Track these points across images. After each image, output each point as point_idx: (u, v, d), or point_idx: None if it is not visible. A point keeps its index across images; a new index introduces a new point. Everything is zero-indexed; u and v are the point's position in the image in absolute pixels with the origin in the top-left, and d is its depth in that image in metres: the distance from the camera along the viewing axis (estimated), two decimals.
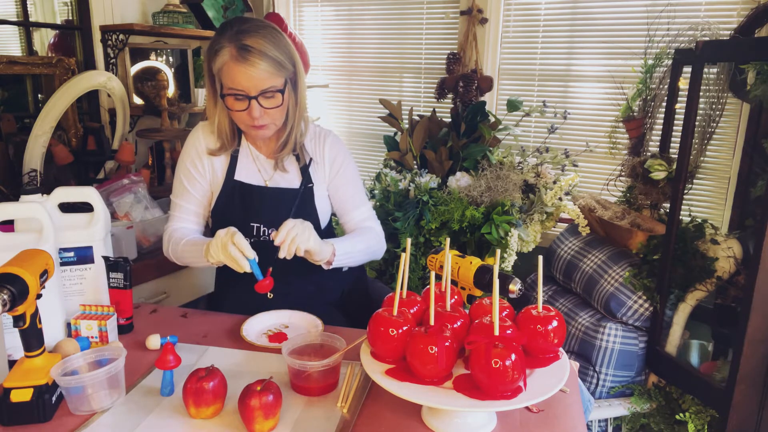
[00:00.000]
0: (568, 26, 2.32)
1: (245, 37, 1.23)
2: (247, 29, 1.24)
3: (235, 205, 1.42)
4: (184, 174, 1.44)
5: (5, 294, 0.87)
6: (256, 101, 1.26)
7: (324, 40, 2.90)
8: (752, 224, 1.83)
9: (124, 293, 1.25)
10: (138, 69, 2.47)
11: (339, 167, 1.47)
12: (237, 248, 1.19)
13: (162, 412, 0.97)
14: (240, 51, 1.22)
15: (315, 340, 1.11)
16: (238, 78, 1.24)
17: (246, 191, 1.41)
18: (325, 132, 1.49)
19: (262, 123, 1.31)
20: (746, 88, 1.82)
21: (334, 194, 1.49)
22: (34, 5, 2.25)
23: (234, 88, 1.25)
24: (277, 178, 1.44)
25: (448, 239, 1.12)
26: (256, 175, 1.43)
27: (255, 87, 1.25)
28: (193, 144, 1.43)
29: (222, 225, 1.44)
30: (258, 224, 1.41)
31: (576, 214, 2.10)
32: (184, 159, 1.44)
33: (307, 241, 1.23)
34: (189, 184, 1.44)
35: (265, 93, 1.27)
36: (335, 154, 1.47)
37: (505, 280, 1.06)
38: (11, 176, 2.03)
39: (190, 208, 1.45)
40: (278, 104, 1.30)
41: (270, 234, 1.41)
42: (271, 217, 1.41)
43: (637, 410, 1.86)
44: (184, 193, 1.45)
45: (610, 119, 2.26)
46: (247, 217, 1.41)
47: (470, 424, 0.92)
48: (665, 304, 1.83)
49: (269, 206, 1.41)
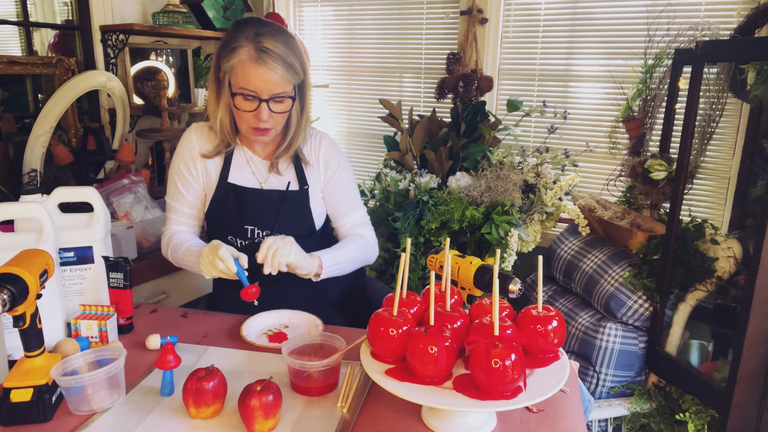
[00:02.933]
0: (568, 26, 2.32)
1: (265, 40, 1.23)
2: (267, 32, 1.24)
3: (228, 207, 1.41)
4: (178, 176, 1.44)
5: (5, 294, 0.87)
6: (266, 104, 1.26)
7: (324, 40, 2.90)
8: (752, 224, 1.83)
9: (124, 293, 1.25)
10: (138, 69, 2.47)
11: (334, 171, 1.47)
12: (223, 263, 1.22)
13: (162, 412, 0.97)
14: (259, 52, 1.22)
15: (315, 340, 1.11)
16: (252, 78, 1.24)
17: (240, 194, 1.40)
18: (321, 134, 1.49)
19: (267, 127, 1.31)
20: (746, 88, 1.82)
21: (328, 198, 1.48)
22: (34, 5, 2.25)
23: (246, 88, 1.25)
24: (271, 180, 1.43)
25: (448, 239, 1.12)
26: (250, 178, 1.43)
27: (268, 90, 1.25)
28: (185, 146, 1.43)
29: (216, 227, 1.44)
30: (252, 227, 1.41)
31: (576, 214, 2.10)
32: (177, 161, 1.43)
33: (288, 256, 1.23)
34: (183, 186, 1.43)
35: (276, 97, 1.27)
36: (331, 157, 1.47)
37: (505, 280, 1.06)
38: (11, 176, 2.03)
39: (184, 211, 1.46)
40: (286, 110, 1.30)
41: (264, 236, 1.41)
42: (265, 219, 1.40)
43: (637, 410, 1.86)
44: (178, 196, 1.45)
45: (610, 119, 2.26)
46: (240, 219, 1.40)
47: (470, 424, 0.92)
48: (665, 304, 1.83)
49: (263, 208, 1.40)
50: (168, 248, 1.43)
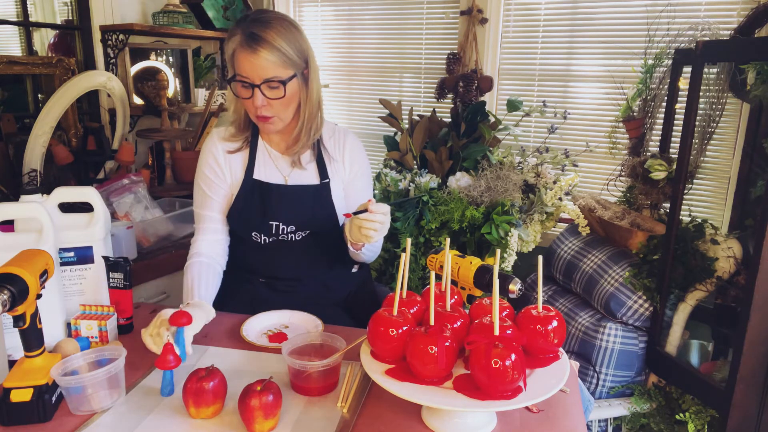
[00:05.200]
0: (568, 26, 2.32)
1: (255, 26, 1.26)
2: (260, 18, 1.27)
3: (254, 204, 1.42)
4: (203, 181, 1.44)
5: (5, 294, 0.88)
6: (259, 89, 1.28)
7: (324, 40, 2.90)
8: (752, 224, 1.83)
9: (124, 293, 1.25)
10: (138, 69, 2.47)
11: (358, 170, 1.49)
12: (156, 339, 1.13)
13: (162, 412, 0.97)
14: (246, 38, 1.25)
15: (315, 340, 1.11)
16: (242, 64, 1.27)
17: (265, 190, 1.42)
18: (344, 131, 1.51)
19: (266, 114, 1.32)
20: (746, 88, 1.82)
21: (347, 193, 1.50)
22: (34, 5, 2.25)
23: (240, 74, 1.29)
24: (295, 176, 1.44)
25: (448, 239, 1.12)
26: (274, 173, 1.44)
27: (258, 75, 1.27)
28: (209, 149, 1.45)
29: (239, 225, 1.44)
30: (277, 222, 1.42)
31: (576, 214, 2.10)
32: (202, 167, 1.45)
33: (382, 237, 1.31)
34: (210, 190, 1.44)
35: (269, 83, 1.28)
36: (356, 156, 1.49)
37: (505, 280, 1.06)
38: (11, 176, 2.03)
39: (214, 216, 1.45)
40: (281, 96, 1.30)
41: (288, 231, 1.42)
42: (289, 215, 1.41)
43: (637, 410, 1.86)
44: (206, 201, 1.45)
45: (610, 119, 2.26)
46: (265, 216, 1.41)
47: (470, 424, 0.92)
48: (665, 304, 1.83)
49: (288, 204, 1.41)
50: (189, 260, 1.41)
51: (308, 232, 1.43)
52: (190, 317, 1.10)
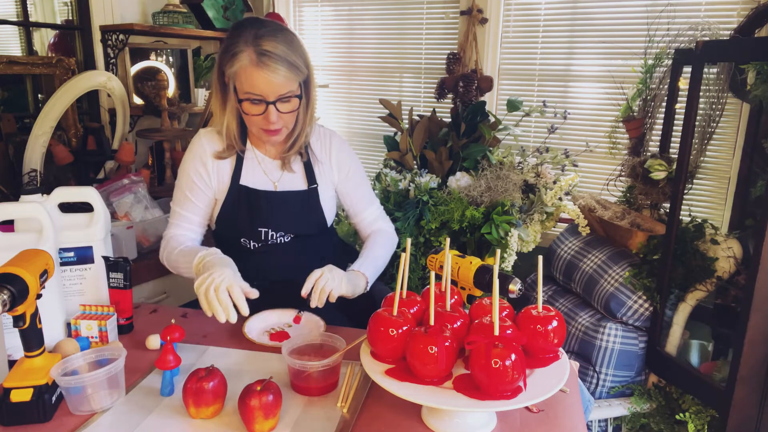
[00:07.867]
0: (568, 26, 2.32)
1: (264, 42, 1.22)
2: (265, 33, 1.23)
3: (241, 210, 1.41)
4: (186, 183, 1.41)
5: (5, 294, 0.87)
6: (273, 106, 1.26)
7: (324, 40, 2.90)
8: (752, 224, 1.83)
9: (124, 293, 1.25)
10: (138, 69, 2.47)
11: (348, 170, 1.48)
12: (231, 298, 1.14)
13: (162, 412, 0.97)
14: (260, 56, 1.21)
15: (315, 340, 1.11)
16: (257, 83, 1.23)
17: (253, 196, 1.40)
18: (329, 132, 1.50)
19: (277, 127, 1.30)
20: (746, 88, 1.82)
21: (344, 196, 1.50)
22: (34, 5, 2.25)
23: (251, 92, 1.25)
24: (284, 181, 1.43)
25: (448, 239, 1.12)
26: (262, 178, 1.42)
27: (273, 92, 1.25)
28: (196, 152, 1.41)
29: (227, 230, 1.44)
30: (266, 229, 1.41)
31: (576, 214, 2.10)
32: (187, 168, 1.41)
33: (339, 288, 1.25)
34: (191, 193, 1.41)
35: (283, 98, 1.26)
36: (343, 157, 1.48)
37: (505, 280, 1.06)
38: (11, 176, 2.03)
39: (189, 217, 1.44)
40: (294, 108, 1.30)
41: (277, 236, 1.41)
42: (279, 221, 1.40)
43: (637, 410, 1.86)
44: (186, 202, 1.43)
45: (610, 119, 2.26)
46: (254, 222, 1.40)
47: (470, 424, 0.92)
48: (665, 304, 1.83)
49: (277, 211, 1.40)
50: (164, 251, 1.41)
51: (297, 235, 1.43)
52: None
